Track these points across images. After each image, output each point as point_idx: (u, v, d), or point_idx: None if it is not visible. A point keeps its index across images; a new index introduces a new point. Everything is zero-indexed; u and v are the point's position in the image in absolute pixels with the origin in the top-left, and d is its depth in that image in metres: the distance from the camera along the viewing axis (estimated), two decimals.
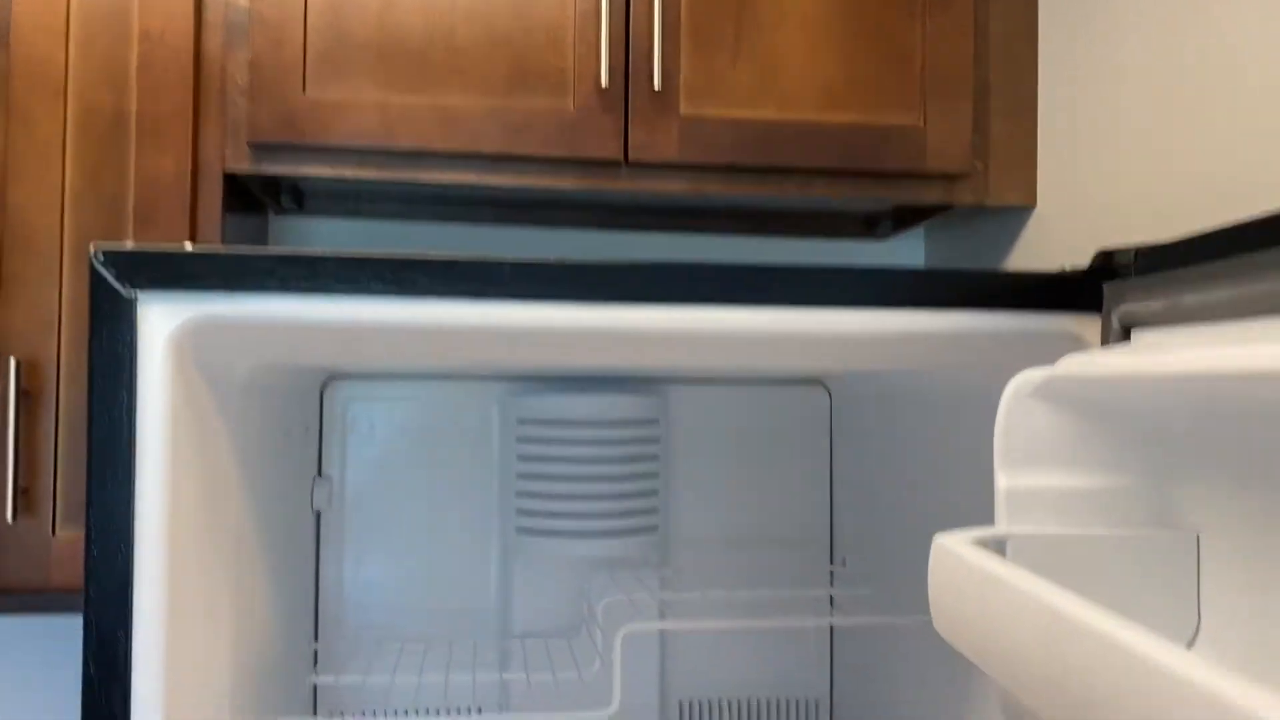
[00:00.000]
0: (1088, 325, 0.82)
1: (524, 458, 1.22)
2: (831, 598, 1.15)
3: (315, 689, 1.13)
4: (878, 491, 1.22)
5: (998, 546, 0.68)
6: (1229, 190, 0.85)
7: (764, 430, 1.35)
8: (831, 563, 1.35)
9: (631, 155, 1.08)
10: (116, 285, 0.73)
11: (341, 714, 1.22)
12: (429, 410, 1.29)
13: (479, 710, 1.24)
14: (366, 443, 1.27)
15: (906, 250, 1.47)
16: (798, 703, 1.35)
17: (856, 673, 1.29)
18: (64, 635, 1.30)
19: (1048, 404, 0.69)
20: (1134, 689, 0.41)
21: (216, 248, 0.75)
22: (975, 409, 0.98)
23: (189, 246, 0.74)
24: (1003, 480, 0.69)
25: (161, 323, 0.74)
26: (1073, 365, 0.66)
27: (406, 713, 1.24)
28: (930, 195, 1.15)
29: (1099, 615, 0.46)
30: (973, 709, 0.97)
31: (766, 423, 1.35)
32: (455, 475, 1.29)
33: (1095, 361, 0.64)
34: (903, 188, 1.15)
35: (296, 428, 1.12)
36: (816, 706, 1.35)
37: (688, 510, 1.33)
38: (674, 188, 1.11)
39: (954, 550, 0.63)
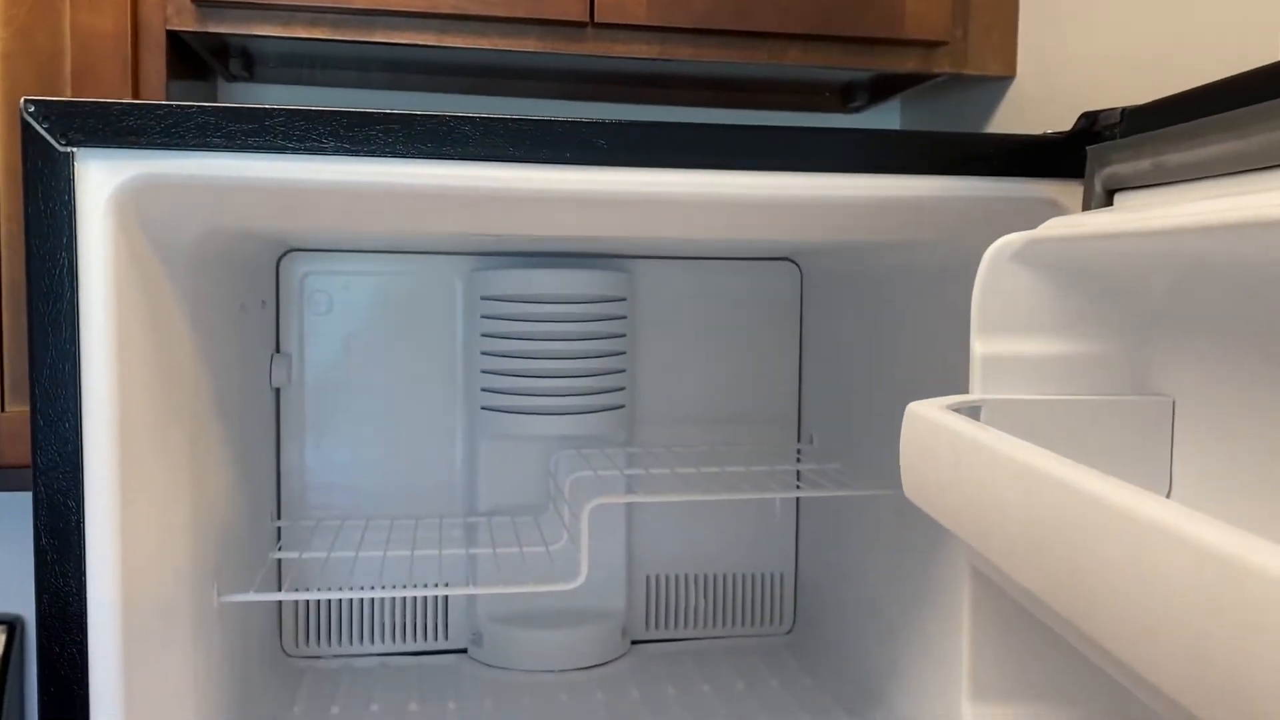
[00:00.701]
0: (1069, 192, 0.80)
1: (488, 335, 1.20)
2: (799, 473, 1.15)
3: (279, 565, 1.12)
4: (847, 370, 1.21)
5: (972, 413, 0.67)
6: (1214, 62, 0.83)
7: (733, 308, 1.33)
8: (799, 441, 1.35)
9: (597, 16, 1.03)
10: (50, 139, 0.69)
11: (305, 589, 1.21)
12: (390, 286, 1.25)
13: (445, 585, 1.25)
14: (325, 319, 1.24)
15: (881, 124, 1.43)
16: (763, 576, 1.36)
17: (821, 547, 1.31)
18: (20, 513, 1.27)
19: (1028, 268, 0.67)
20: (1113, 541, 0.40)
21: (158, 102, 0.70)
22: (949, 286, 0.96)
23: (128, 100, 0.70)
24: (979, 347, 0.67)
25: (101, 180, 0.69)
26: (1056, 227, 0.64)
27: (372, 588, 1.24)
28: (908, 64, 1.11)
29: (1077, 470, 0.45)
30: (939, 578, 0.98)
31: (736, 301, 1.33)
32: (418, 353, 1.26)
33: (1079, 222, 0.62)
34: (879, 55, 1.11)
35: (252, 301, 1.09)
36: (781, 579, 1.36)
37: (655, 389, 1.32)
38: (641, 51, 1.06)
39: (927, 415, 0.62)
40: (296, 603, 1.23)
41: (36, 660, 0.70)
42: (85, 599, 0.69)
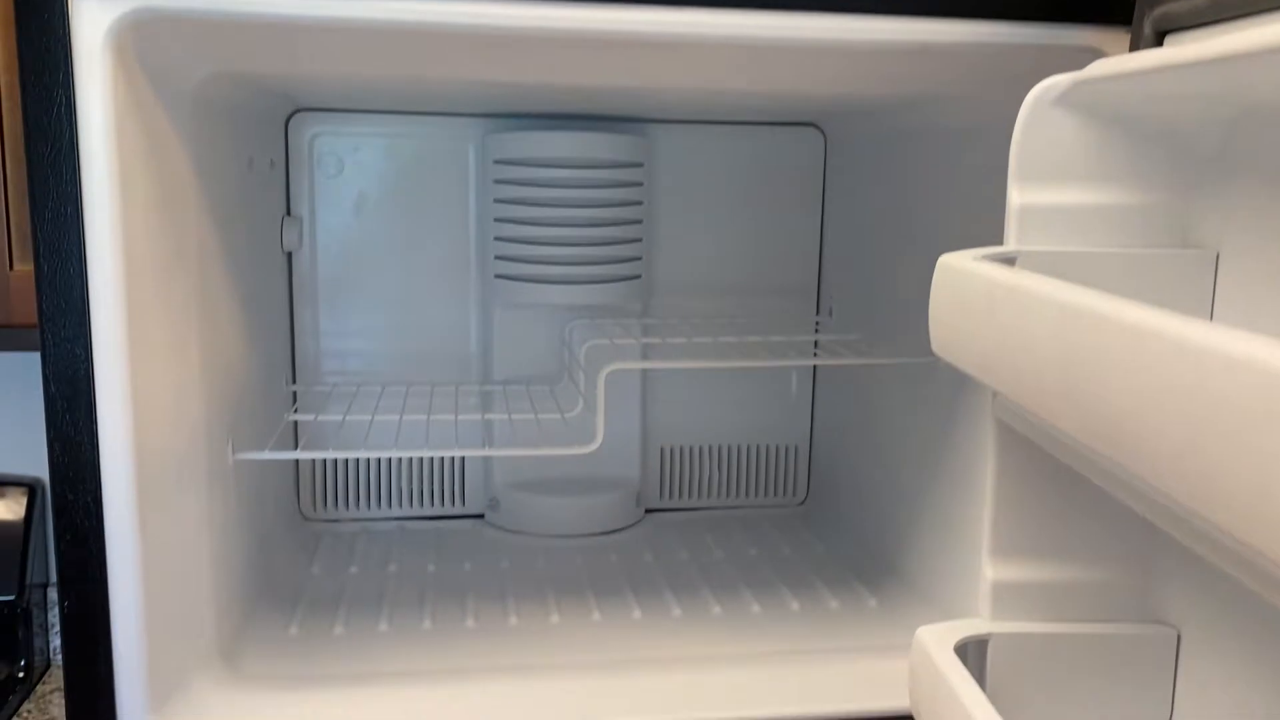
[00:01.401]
0: (1113, 40, 0.75)
1: (501, 200, 1.17)
2: (817, 342, 1.13)
3: (295, 427, 1.12)
4: (869, 240, 1.18)
5: (1006, 264, 0.64)
6: None
7: (754, 176, 1.29)
8: (818, 313, 1.32)
9: None
10: None
11: (321, 449, 1.22)
12: (401, 148, 1.22)
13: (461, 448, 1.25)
14: (336, 182, 1.21)
15: None
16: (777, 449, 1.36)
17: (837, 420, 1.30)
18: (37, 375, 1.27)
19: (1072, 113, 0.64)
20: (1158, 369, 0.38)
21: None
22: (978, 149, 0.92)
23: None
24: (1016, 196, 0.64)
25: (97, 14, 0.66)
26: (1103, 67, 0.60)
27: (387, 449, 1.24)
28: None
29: (1117, 301, 0.42)
30: (957, 446, 0.97)
31: (757, 168, 1.29)
32: (431, 218, 1.23)
33: (1128, 60, 0.58)
34: None
35: (260, 159, 1.06)
36: (795, 452, 1.36)
37: (671, 259, 1.29)
38: None
39: (960, 264, 0.60)
40: (314, 466, 1.24)
41: (52, 509, 0.70)
42: (98, 447, 0.69)
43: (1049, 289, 0.48)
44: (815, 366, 1.34)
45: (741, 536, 1.26)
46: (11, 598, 1.32)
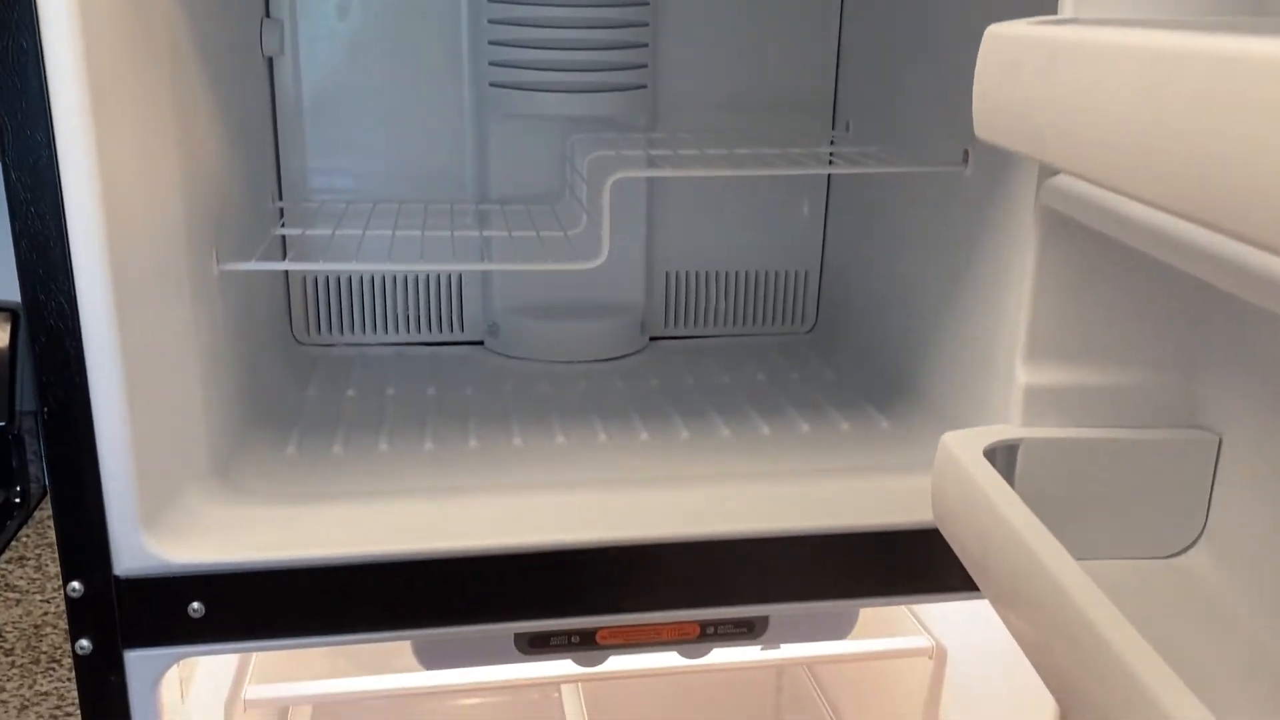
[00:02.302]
0: None
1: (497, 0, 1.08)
2: (834, 153, 1.07)
3: (283, 242, 1.06)
4: (891, 48, 1.10)
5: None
6: None
7: None
8: (834, 129, 1.25)
9: None
10: None
11: (311, 260, 1.17)
12: None
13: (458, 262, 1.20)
14: None
15: None
16: (787, 274, 1.31)
17: (850, 244, 1.24)
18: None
19: None
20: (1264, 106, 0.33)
21: None
22: None
23: None
24: None
25: None
26: None
27: (380, 263, 1.19)
28: None
29: (1205, 35, 0.37)
30: (981, 258, 0.92)
31: None
32: (420, 19, 1.15)
33: None
34: None
35: None
36: (805, 278, 1.31)
37: (680, 69, 1.21)
38: None
39: (1013, 30, 0.53)
40: (305, 288, 1.19)
41: (24, 310, 0.65)
42: (67, 240, 0.64)
43: (1128, 37, 0.43)
44: (829, 186, 1.28)
45: (749, 363, 1.23)
46: (2, 424, 1.29)
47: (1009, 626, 0.55)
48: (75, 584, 0.70)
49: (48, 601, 1.16)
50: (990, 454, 0.62)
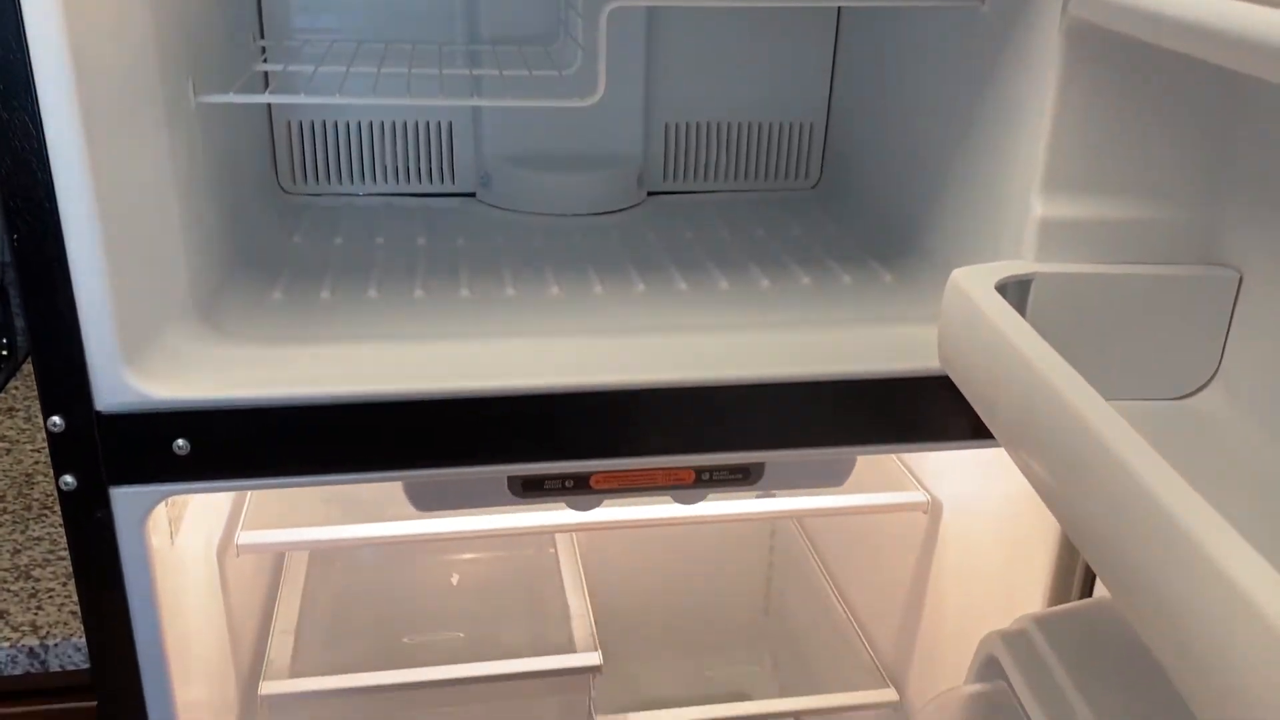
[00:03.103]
0: None
1: None
2: None
3: (265, 78, 1.01)
4: None
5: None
6: None
7: None
8: None
9: None
10: None
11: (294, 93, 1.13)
12: None
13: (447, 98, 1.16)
14: None
15: None
16: (790, 127, 1.26)
17: (857, 94, 1.20)
18: None
19: None
20: None
21: None
22: None
23: None
24: None
25: None
26: None
27: (365, 99, 1.15)
28: None
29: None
30: (995, 102, 0.88)
31: None
32: None
33: None
34: None
35: None
36: (810, 130, 1.27)
37: None
38: None
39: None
40: (290, 134, 1.15)
41: None
42: (27, 51, 0.59)
43: None
44: (837, 30, 1.22)
45: (749, 218, 1.19)
46: None
47: (1023, 468, 0.54)
48: (56, 419, 0.68)
49: (38, 451, 1.15)
50: (1001, 290, 0.59)
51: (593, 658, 1.09)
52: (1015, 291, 0.61)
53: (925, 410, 0.79)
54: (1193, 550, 0.36)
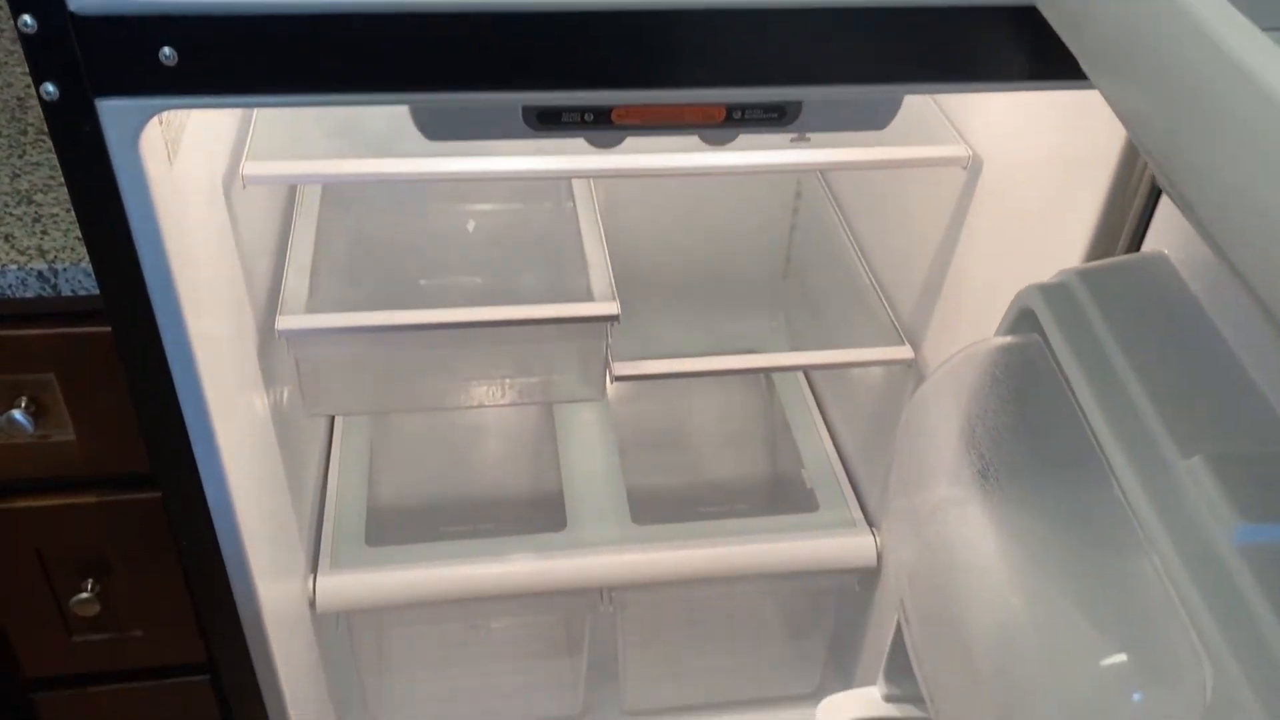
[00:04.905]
0: None
1: None
2: None
3: None
4: None
5: None
6: None
7: None
8: None
9: None
10: None
11: None
12: None
13: None
14: None
15: None
16: None
17: None
18: None
19: None
20: None
21: None
22: None
23: None
24: None
25: None
26: None
27: None
28: None
29: None
30: None
31: None
32: None
33: None
34: None
35: None
36: None
37: None
38: None
39: None
40: None
41: None
42: None
43: None
44: None
45: None
46: None
47: (1116, 104, 0.47)
48: (26, 17, 0.62)
49: (29, 75, 1.09)
50: None
51: (611, 306, 1.08)
52: None
53: (980, 44, 0.72)
54: None
